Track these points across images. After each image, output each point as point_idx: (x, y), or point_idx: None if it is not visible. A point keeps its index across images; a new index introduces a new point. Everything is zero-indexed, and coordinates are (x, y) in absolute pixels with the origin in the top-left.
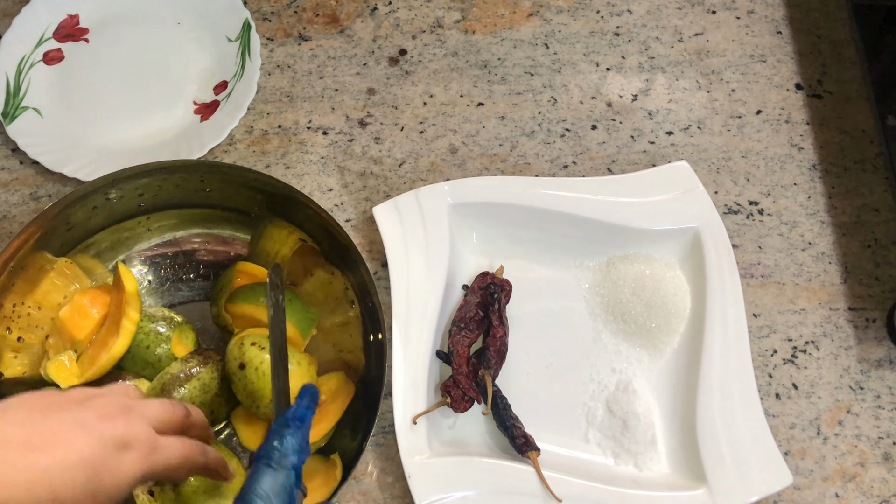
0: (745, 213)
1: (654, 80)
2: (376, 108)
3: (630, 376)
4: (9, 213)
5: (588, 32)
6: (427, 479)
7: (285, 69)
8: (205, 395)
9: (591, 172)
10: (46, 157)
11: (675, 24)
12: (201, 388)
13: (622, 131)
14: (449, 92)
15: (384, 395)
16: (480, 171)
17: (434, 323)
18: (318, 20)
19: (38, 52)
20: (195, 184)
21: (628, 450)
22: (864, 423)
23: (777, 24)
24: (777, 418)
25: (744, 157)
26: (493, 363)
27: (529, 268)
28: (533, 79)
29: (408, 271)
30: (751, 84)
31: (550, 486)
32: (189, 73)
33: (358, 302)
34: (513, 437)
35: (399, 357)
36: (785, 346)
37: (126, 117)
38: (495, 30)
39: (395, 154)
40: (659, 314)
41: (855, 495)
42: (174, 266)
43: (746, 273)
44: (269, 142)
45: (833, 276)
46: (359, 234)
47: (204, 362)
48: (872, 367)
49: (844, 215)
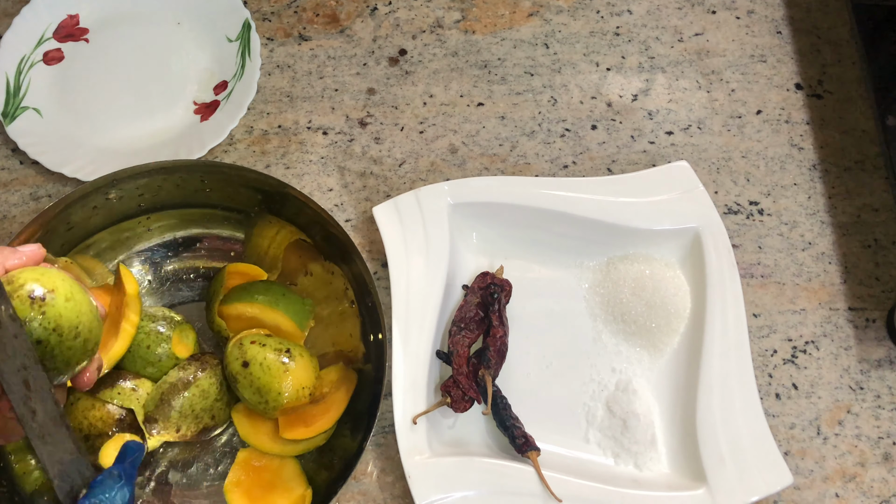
0: (745, 213)
1: (654, 80)
2: (376, 108)
3: (630, 376)
4: (9, 213)
5: (588, 32)
6: (427, 479)
7: (285, 69)
8: (205, 400)
9: (591, 172)
10: (46, 157)
11: (675, 24)
12: (201, 395)
13: (622, 131)
14: (449, 92)
15: (384, 395)
16: (480, 171)
17: (434, 323)
18: (318, 20)
19: (38, 52)
20: (195, 184)
21: (628, 450)
22: (864, 423)
23: (777, 24)
24: (777, 418)
25: (744, 157)
26: (493, 363)
27: (529, 268)
28: (533, 79)
29: (408, 271)
30: (751, 84)
31: (550, 486)
32: (189, 73)
33: (358, 302)
34: (513, 437)
35: (399, 357)
36: (785, 346)
37: (126, 117)
38: (495, 30)
39: (395, 154)
40: (659, 314)
41: (855, 495)
42: (174, 266)
43: (746, 273)
44: (269, 142)
45: (833, 276)
46: (359, 234)
47: (202, 368)
48: (872, 367)
49: (844, 215)
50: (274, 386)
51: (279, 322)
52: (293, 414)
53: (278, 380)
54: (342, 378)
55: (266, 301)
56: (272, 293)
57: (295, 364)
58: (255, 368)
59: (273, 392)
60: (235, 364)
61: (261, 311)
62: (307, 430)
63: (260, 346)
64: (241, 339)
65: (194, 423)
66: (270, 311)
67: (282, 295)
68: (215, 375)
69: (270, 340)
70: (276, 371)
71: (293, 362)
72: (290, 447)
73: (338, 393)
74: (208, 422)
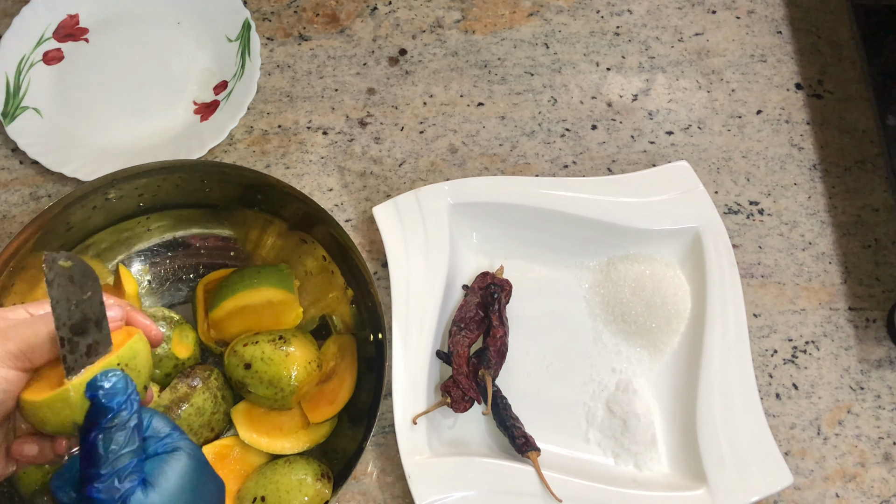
0: (745, 213)
1: (655, 79)
2: (376, 108)
3: (630, 376)
4: (9, 213)
5: (588, 32)
6: (427, 479)
7: (285, 69)
8: (201, 417)
9: (591, 172)
10: (46, 157)
11: (675, 24)
12: (196, 413)
13: (622, 131)
14: (449, 92)
15: (384, 395)
16: (480, 171)
17: (434, 323)
18: (318, 20)
19: (38, 52)
20: (195, 184)
21: (628, 450)
22: (865, 423)
23: (777, 24)
24: (777, 418)
25: (744, 157)
26: (493, 363)
27: (529, 268)
28: (533, 79)
29: (408, 271)
30: (751, 84)
31: (550, 486)
32: (189, 73)
33: (358, 302)
34: (513, 437)
35: (399, 357)
36: (785, 346)
37: (126, 117)
38: (495, 30)
39: (395, 154)
40: (659, 314)
41: (855, 495)
42: (174, 266)
43: (746, 273)
44: (269, 142)
45: (833, 276)
46: (359, 234)
47: (192, 384)
48: (872, 367)
49: (844, 215)
50: (283, 373)
51: (269, 297)
52: (312, 397)
53: (284, 365)
54: (342, 346)
55: (247, 285)
56: (247, 276)
57: (293, 345)
58: (258, 365)
59: (284, 379)
60: (238, 371)
61: (247, 296)
62: (333, 407)
63: (253, 344)
64: (234, 346)
65: (195, 440)
66: (255, 291)
67: (257, 273)
68: (208, 389)
69: (260, 336)
70: (278, 359)
71: (290, 345)
72: (290, 445)
73: (344, 361)
74: (208, 434)
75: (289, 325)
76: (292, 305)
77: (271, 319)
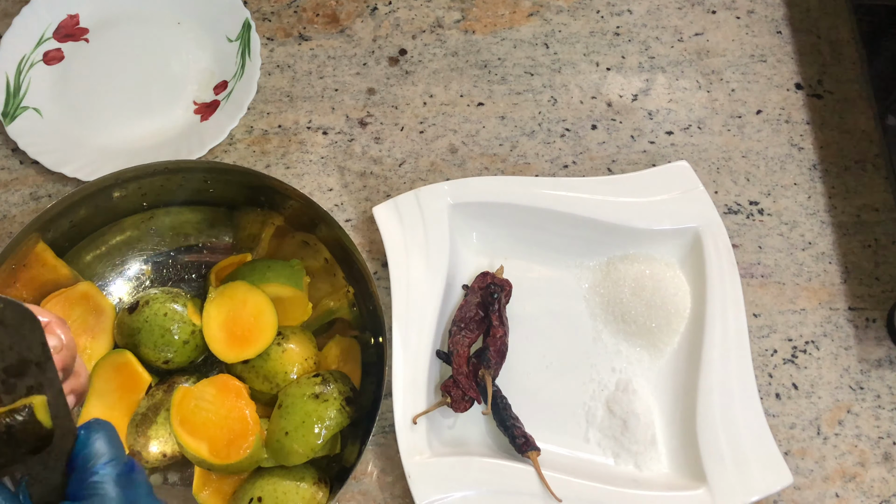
0: (745, 213)
1: (654, 79)
2: (376, 108)
3: (630, 376)
4: (9, 213)
5: (588, 32)
6: (427, 479)
7: (285, 69)
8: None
9: (591, 172)
10: (46, 157)
11: (675, 24)
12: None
13: (622, 131)
14: (449, 92)
15: (384, 395)
16: (480, 171)
17: (434, 323)
18: (318, 20)
19: (38, 52)
20: (197, 184)
21: (628, 450)
22: (865, 423)
23: (777, 24)
24: (777, 418)
25: (744, 157)
26: (493, 363)
27: (529, 268)
28: (533, 79)
29: (408, 271)
30: (751, 84)
31: (550, 486)
32: (189, 73)
33: (358, 302)
34: (513, 437)
35: (399, 357)
36: (785, 345)
37: (126, 117)
38: (495, 30)
39: (395, 154)
40: (659, 314)
41: (855, 495)
42: (174, 266)
43: (746, 273)
44: (269, 142)
45: (833, 276)
46: (359, 234)
47: (168, 390)
48: (872, 367)
49: (844, 215)
50: (279, 368)
51: (277, 293)
52: None
53: (280, 361)
54: (345, 348)
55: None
56: (258, 269)
57: (291, 342)
58: (255, 361)
59: (280, 374)
60: (237, 364)
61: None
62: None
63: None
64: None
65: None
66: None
67: (267, 267)
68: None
69: None
70: (275, 355)
71: (289, 342)
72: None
73: (347, 364)
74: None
75: (296, 321)
76: (301, 302)
77: (278, 315)
